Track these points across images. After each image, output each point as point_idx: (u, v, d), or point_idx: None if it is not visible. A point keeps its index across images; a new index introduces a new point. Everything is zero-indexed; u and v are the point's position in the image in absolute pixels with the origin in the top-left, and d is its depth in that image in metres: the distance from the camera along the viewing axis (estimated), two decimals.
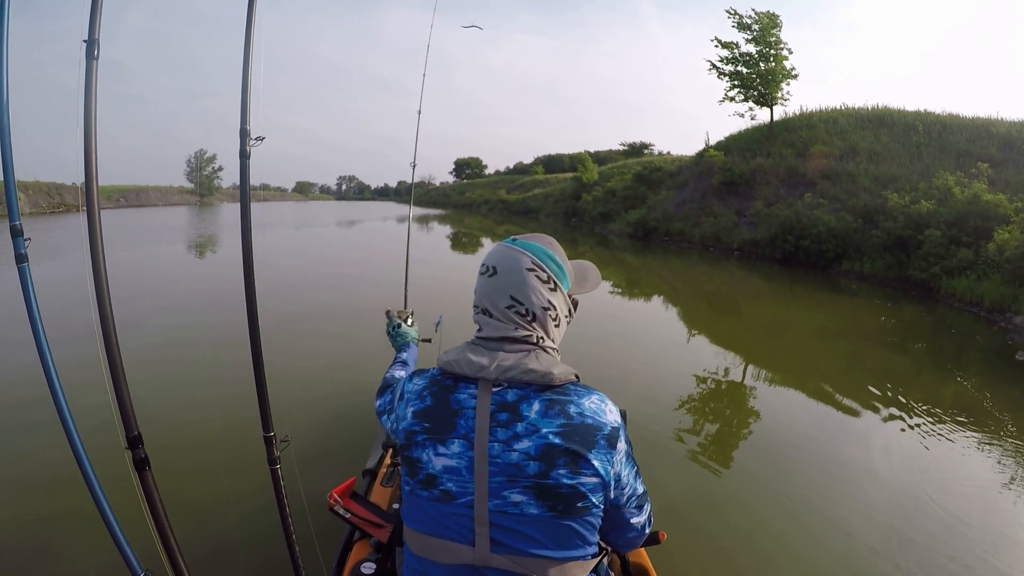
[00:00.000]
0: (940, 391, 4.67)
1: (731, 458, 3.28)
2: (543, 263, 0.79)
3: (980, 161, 11.92)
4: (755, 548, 2.34)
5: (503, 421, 0.71)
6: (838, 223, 11.87)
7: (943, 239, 9.48)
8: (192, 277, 9.76)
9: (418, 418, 0.75)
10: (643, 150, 36.97)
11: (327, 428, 3.26)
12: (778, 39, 17.41)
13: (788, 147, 16.68)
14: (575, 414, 0.71)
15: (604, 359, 4.98)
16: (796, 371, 5.24)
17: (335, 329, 5.89)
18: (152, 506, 1.18)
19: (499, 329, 0.78)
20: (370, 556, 1.35)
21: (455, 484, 0.71)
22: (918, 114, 16.42)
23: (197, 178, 52.87)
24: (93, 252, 1.11)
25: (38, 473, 2.71)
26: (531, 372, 0.72)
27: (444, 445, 0.72)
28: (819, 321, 7.74)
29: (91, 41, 1.09)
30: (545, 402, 0.72)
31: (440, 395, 0.76)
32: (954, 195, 10.32)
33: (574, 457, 0.69)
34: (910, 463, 3.20)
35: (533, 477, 0.69)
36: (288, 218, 27.50)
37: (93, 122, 1.11)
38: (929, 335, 7.05)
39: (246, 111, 1.34)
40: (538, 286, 0.78)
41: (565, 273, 0.82)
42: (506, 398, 0.72)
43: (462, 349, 0.78)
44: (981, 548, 2.36)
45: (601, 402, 0.75)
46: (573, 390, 0.74)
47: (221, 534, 2.12)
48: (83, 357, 1.38)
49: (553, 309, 0.80)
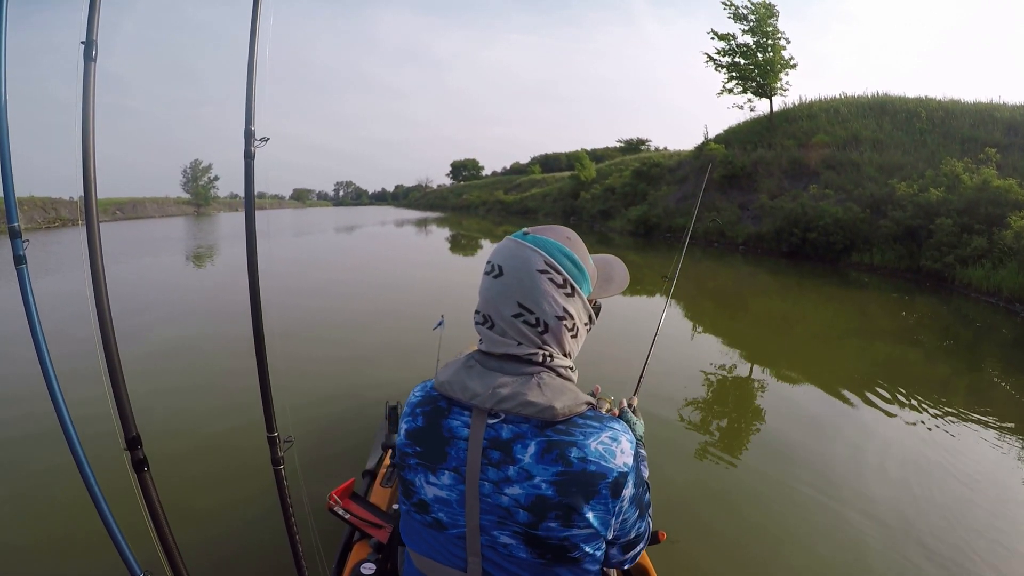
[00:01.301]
0: (977, 390, 4.44)
1: (736, 453, 3.27)
2: (559, 263, 0.68)
3: (985, 146, 11.88)
4: (760, 543, 2.34)
5: (495, 460, 0.64)
6: (845, 214, 11.72)
7: (955, 227, 9.27)
8: (192, 288, 9.83)
9: (410, 438, 0.71)
10: (640, 146, 36.99)
11: (327, 429, 3.28)
12: (775, 28, 17.45)
13: (789, 138, 16.67)
14: (576, 460, 0.63)
15: (605, 355, 4.98)
16: (805, 366, 5.22)
17: (333, 334, 5.91)
18: (151, 507, 1.20)
19: (500, 344, 0.68)
20: (370, 556, 1.36)
21: (446, 515, 0.68)
22: (919, 100, 16.39)
23: (193, 188, 53.18)
24: (92, 248, 1.13)
25: (38, 475, 2.74)
26: (530, 405, 0.64)
27: (435, 475, 0.68)
28: (829, 315, 7.66)
29: (89, 43, 1.10)
30: (543, 444, 0.63)
31: (432, 417, 0.70)
32: (963, 182, 10.20)
33: (567, 511, 0.62)
34: (936, 464, 3.10)
35: (522, 524, 0.64)
36: (286, 226, 27.61)
37: (91, 125, 1.13)
38: (952, 329, 6.76)
39: (251, 112, 1.36)
40: (552, 291, 0.67)
41: (585, 274, 0.71)
42: (501, 434, 0.65)
43: (459, 368, 0.70)
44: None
45: (612, 441, 0.65)
46: (580, 427, 0.65)
47: (222, 535, 2.15)
48: (83, 367, 1.40)
49: (569, 318, 0.69)
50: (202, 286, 10.14)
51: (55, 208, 28.42)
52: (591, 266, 0.74)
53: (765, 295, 9.50)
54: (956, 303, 8.04)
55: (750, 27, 17.45)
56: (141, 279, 10.00)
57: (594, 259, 0.77)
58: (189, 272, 11.95)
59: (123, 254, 13.37)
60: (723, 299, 9.06)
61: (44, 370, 1.16)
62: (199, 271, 12.21)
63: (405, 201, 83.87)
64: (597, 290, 0.75)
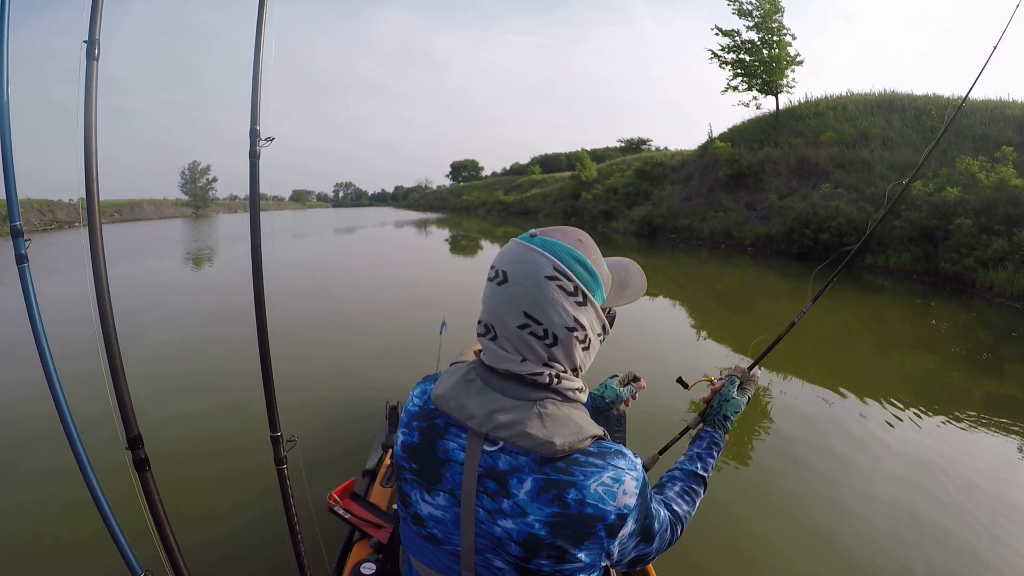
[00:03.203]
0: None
1: (739, 456, 3.27)
2: (570, 269, 0.63)
3: (998, 144, 11.80)
4: (760, 544, 2.34)
5: (490, 490, 0.62)
6: (859, 214, 11.50)
7: (974, 228, 9.03)
8: (192, 288, 9.89)
9: (406, 453, 0.69)
10: (641, 146, 36.98)
11: (327, 429, 3.31)
12: (781, 25, 17.44)
13: (797, 136, 16.63)
14: (573, 502, 0.59)
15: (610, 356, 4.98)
16: (816, 372, 5.21)
17: (332, 334, 5.94)
18: (152, 506, 1.21)
19: (503, 359, 0.64)
20: (370, 556, 1.37)
21: (441, 532, 0.67)
22: (928, 98, 16.34)
23: (191, 190, 53.51)
24: (94, 249, 1.15)
25: (40, 475, 2.77)
26: (527, 437, 0.60)
27: (430, 494, 0.66)
28: (843, 319, 7.44)
29: (91, 42, 1.13)
30: (539, 482, 0.60)
31: (428, 434, 0.67)
32: (979, 181, 10.05)
33: (560, 552, 0.61)
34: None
35: (514, 557, 0.62)
36: (286, 227, 27.76)
37: (93, 124, 1.15)
38: (974, 335, 6.42)
39: (256, 112, 1.39)
40: (561, 300, 0.62)
41: (599, 280, 0.66)
42: (497, 464, 0.62)
43: (458, 381, 0.66)
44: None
45: (614, 482, 0.61)
46: (581, 466, 0.61)
47: (223, 535, 2.17)
48: (85, 369, 1.42)
49: (581, 329, 0.64)
50: (202, 287, 10.20)
51: (51, 210, 28.63)
52: (605, 271, 0.68)
53: (774, 298, 9.45)
54: (977, 307, 7.80)
55: (755, 23, 17.46)
56: (141, 280, 10.07)
57: (608, 263, 0.72)
58: (189, 273, 12.02)
59: (120, 257, 13.45)
60: (729, 301, 9.04)
61: (46, 370, 1.18)
62: (199, 273, 12.28)
63: (405, 202, 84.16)
64: (611, 297, 0.70)
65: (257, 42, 1.38)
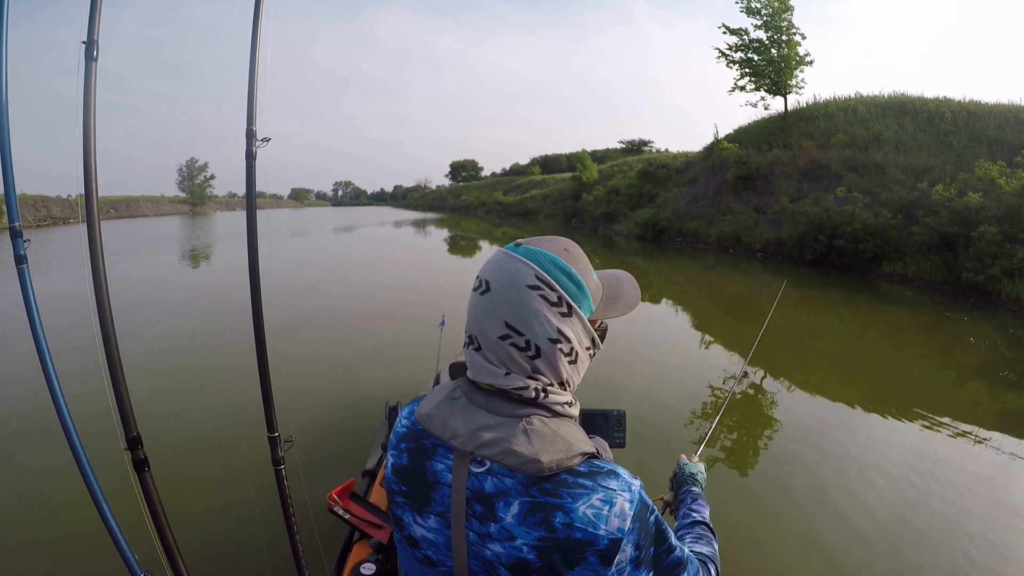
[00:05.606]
0: None
1: (741, 463, 3.29)
2: (553, 278, 0.62)
3: (1013, 149, 11.74)
4: (763, 546, 2.37)
5: (478, 513, 0.62)
6: (875, 220, 11.19)
7: (997, 235, 8.76)
8: (191, 285, 9.96)
9: (396, 475, 0.69)
10: (642, 147, 36.99)
11: (327, 429, 3.34)
12: (790, 23, 17.46)
13: (806, 138, 16.59)
14: (560, 525, 0.58)
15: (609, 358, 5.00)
16: (822, 381, 5.21)
17: (332, 334, 5.98)
18: (151, 507, 1.24)
19: (487, 372, 0.63)
20: (370, 557, 1.39)
21: (435, 554, 0.67)
22: (940, 101, 16.31)
23: (189, 187, 53.76)
24: (92, 243, 1.18)
25: (39, 474, 2.80)
26: (512, 455, 0.59)
27: (421, 517, 0.66)
28: (857, 327, 7.37)
29: (90, 42, 1.15)
30: (526, 504, 0.59)
31: (416, 456, 0.66)
32: (999, 186, 9.75)
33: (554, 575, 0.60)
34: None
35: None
36: (285, 226, 27.85)
37: (92, 124, 1.18)
38: (1010, 354, 6.04)
39: (252, 113, 1.41)
40: (544, 310, 0.61)
41: (585, 291, 0.65)
42: (484, 487, 0.61)
43: (443, 399, 0.66)
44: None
45: (604, 504, 0.59)
46: (569, 487, 0.59)
47: (222, 535, 2.20)
48: (84, 368, 1.45)
49: (565, 341, 0.63)
50: (201, 284, 10.25)
51: (46, 206, 28.80)
52: (593, 282, 0.67)
53: (784, 305, 9.35)
54: (1001, 319, 7.50)
55: (763, 21, 17.48)
56: (139, 278, 10.12)
57: (600, 275, 0.71)
58: (187, 272, 12.08)
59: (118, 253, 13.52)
60: (734, 308, 9.02)
61: (45, 369, 1.20)
62: (197, 271, 12.34)
63: (404, 202, 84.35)
64: (601, 309, 0.68)
65: (253, 42, 1.41)
